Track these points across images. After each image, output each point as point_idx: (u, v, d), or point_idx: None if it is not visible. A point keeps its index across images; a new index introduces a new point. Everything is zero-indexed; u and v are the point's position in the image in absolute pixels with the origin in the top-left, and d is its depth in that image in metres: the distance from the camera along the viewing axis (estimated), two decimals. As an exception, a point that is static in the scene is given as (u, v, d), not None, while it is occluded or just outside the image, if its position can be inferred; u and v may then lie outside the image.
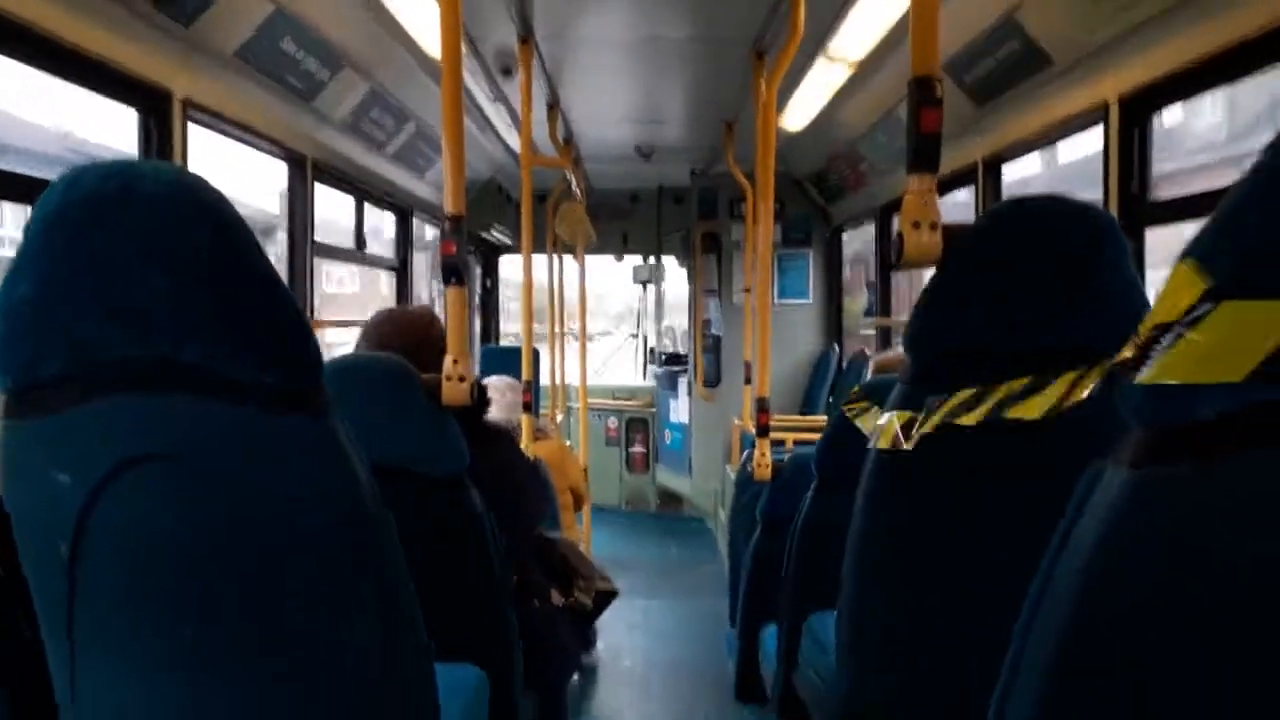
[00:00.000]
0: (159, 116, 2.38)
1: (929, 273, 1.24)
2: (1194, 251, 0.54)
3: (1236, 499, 0.51)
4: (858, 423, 1.59)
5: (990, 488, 1.13)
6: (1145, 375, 0.54)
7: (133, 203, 0.85)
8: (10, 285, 0.86)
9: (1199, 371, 0.52)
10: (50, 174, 1.92)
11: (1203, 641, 0.52)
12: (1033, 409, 1.01)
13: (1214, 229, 0.54)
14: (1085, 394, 0.70)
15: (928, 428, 1.08)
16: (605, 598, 2.64)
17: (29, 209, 0.88)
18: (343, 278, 6.26)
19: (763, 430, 3.13)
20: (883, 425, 1.18)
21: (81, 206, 0.85)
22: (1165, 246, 2.36)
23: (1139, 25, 2.23)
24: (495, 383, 3.81)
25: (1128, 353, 0.56)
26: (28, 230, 0.86)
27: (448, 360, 1.80)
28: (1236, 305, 0.50)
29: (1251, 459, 0.51)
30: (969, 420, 1.04)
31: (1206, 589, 0.52)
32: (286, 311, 0.93)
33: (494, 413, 2.65)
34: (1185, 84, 2.21)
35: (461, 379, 1.77)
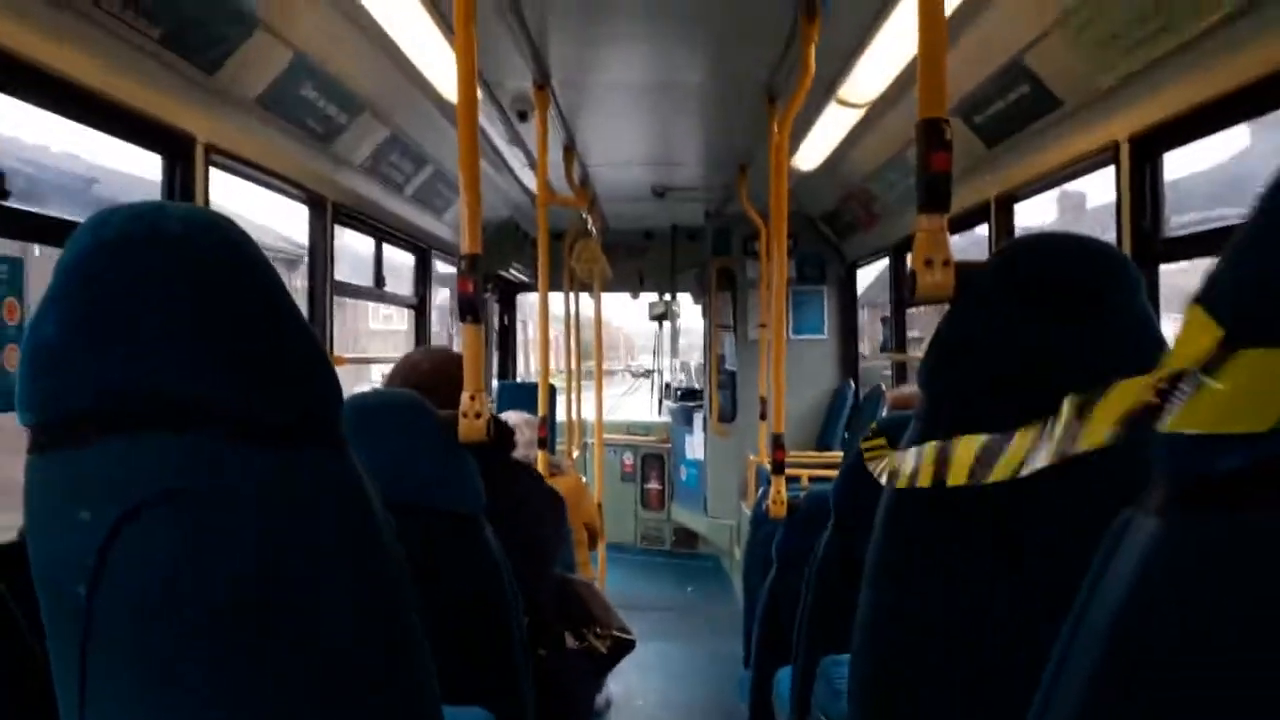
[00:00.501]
0: (182, 161, 2.43)
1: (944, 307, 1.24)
2: (1204, 297, 0.53)
3: (1268, 550, 0.51)
4: (870, 465, 1.58)
5: (1008, 530, 1.12)
6: (1168, 424, 0.54)
7: (160, 244, 0.87)
8: (38, 326, 0.87)
9: (1223, 421, 0.51)
10: (79, 215, 1.97)
11: (1234, 694, 0.52)
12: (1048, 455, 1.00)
13: (1222, 273, 0.53)
14: (1101, 439, 0.70)
15: (952, 477, 1.07)
16: (622, 647, 2.60)
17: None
18: (390, 315, 6.35)
19: (778, 467, 3.11)
20: (899, 464, 1.17)
21: (109, 248, 0.86)
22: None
23: (1148, 67, 2.24)
24: (511, 418, 3.82)
25: (1150, 396, 0.56)
26: (56, 271, 0.88)
27: (464, 396, 1.81)
28: (1255, 354, 0.50)
29: None
30: (995, 476, 1.03)
31: (1238, 641, 0.51)
32: (309, 351, 0.94)
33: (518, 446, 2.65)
34: (1196, 124, 2.22)
35: (478, 415, 1.78)
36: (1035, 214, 3.39)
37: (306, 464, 0.93)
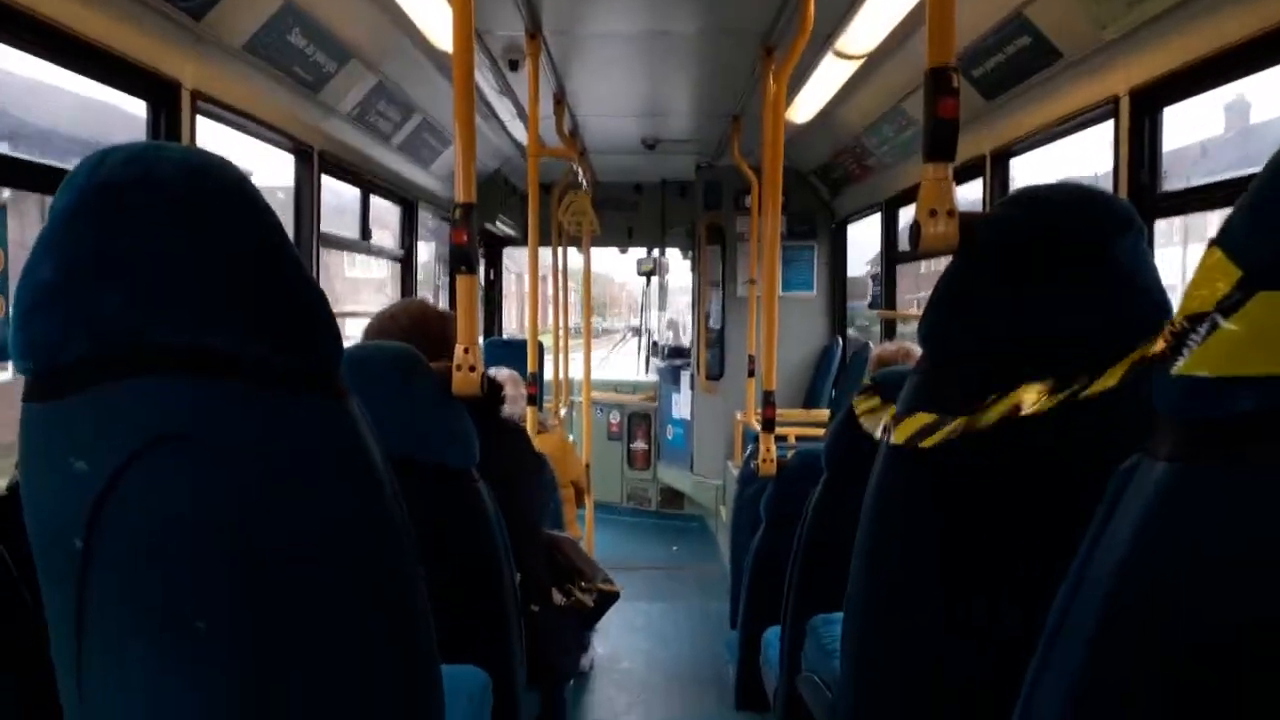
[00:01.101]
0: (168, 107, 2.38)
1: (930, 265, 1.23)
2: (1223, 240, 0.52)
3: (1276, 492, 0.50)
4: (864, 422, 1.57)
5: (1008, 482, 1.11)
6: (1180, 366, 0.53)
7: (156, 185, 0.85)
8: (33, 270, 0.85)
9: (1237, 363, 0.51)
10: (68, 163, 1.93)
11: (1240, 638, 0.51)
12: (1051, 400, 1.00)
13: (1242, 217, 0.52)
14: (1114, 382, 0.69)
15: (949, 433, 1.07)
16: (607, 599, 2.62)
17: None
18: (368, 263, 6.28)
19: (768, 424, 3.11)
20: (898, 421, 1.16)
21: (105, 190, 0.84)
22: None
23: (1150, 20, 2.22)
24: (499, 375, 3.81)
25: (1160, 343, 0.55)
26: (51, 215, 0.86)
27: (458, 349, 1.79)
28: (1273, 295, 0.49)
29: None
30: (990, 418, 1.02)
31: (1244, 585, 0.51)
32: (308, 294, 0.92)
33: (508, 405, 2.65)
34: (1198, 78, 2.21)
35: (472, 368, 1.77)
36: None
37: (307, 411, 0.92)
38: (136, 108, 2.36)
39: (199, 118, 2.49)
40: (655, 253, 7.64)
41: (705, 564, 5.98)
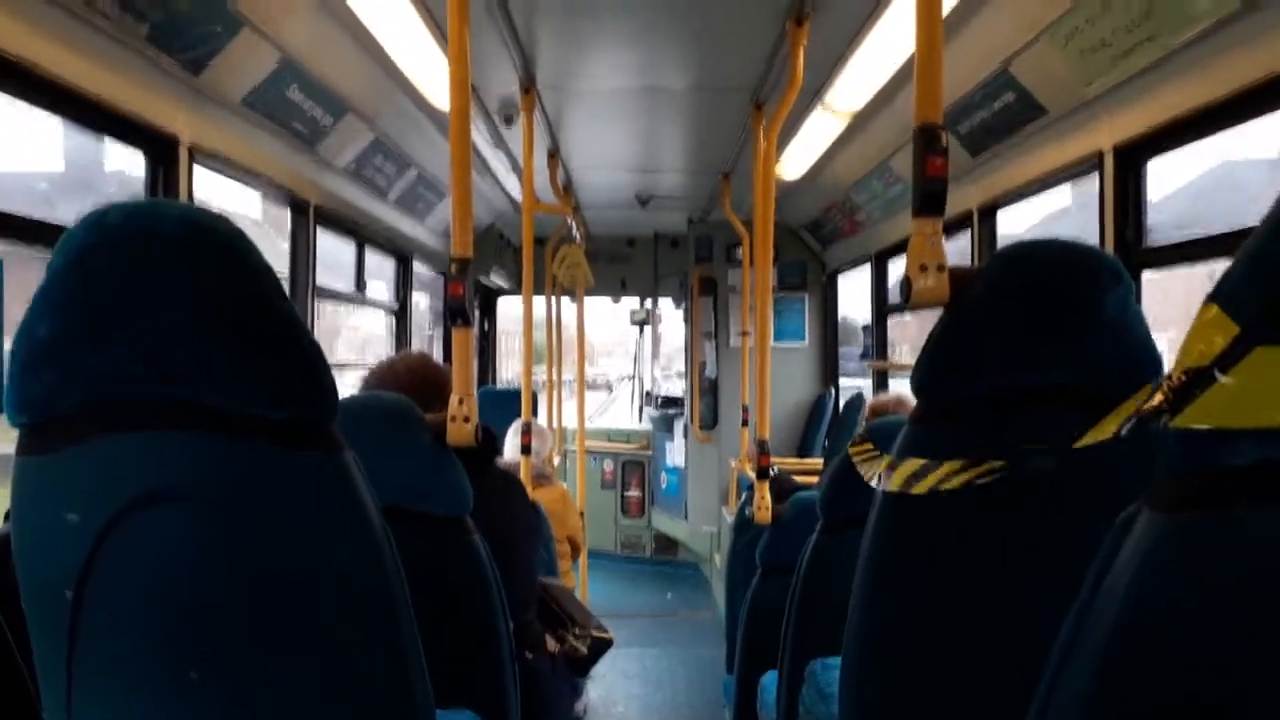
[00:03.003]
0: (166, 161, 2.40)
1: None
2: (1219, 295, 0.53)
3: (1274, 547, 0.51)
4: (860, 468, 1.58)
5: (1004, 530, 1.12)
6: (1179, 419, 0.53)
7: (155, 244, 0.86)
8: (30, 325, 0.86)
9: (1234, 416, 0.51)
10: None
11: (1242, 694, 0.51)
12: (1050, 452, 1.00)
13: (1238, 272, 0.53)
14: (1109, 434, 0.69)
15: (946, 481, 1.07)
16: (601, 646, 2.61)
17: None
18: (355, 316, 6.28)
19: (763, 473, 3.11)
20: (892, 469, 1.17)
21: (104, 248, 0.85)
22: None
23: (1133, 76, 2.27)
24: (513, 430, 3.82)
25: (1157, 396, 0.55)
26: (50, 270, 0.86)
27: (453, 400, 1.80)
28: (1270, 351, 0.50)
29: None
30: (983, 472, 1.03)
31: (1246, 639, 0.51)
32: (304, 349, 0.93)
33: (507, 456, 2.65)
34: (1180, 132, 2.25)
35: (466, 419, 1.77)
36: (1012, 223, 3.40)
37: (302, 464, 0.92)
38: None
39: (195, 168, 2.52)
40: (648, 303, 7.68)
41: (700, 611, 5.94)
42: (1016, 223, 3.46)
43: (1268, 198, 0.55)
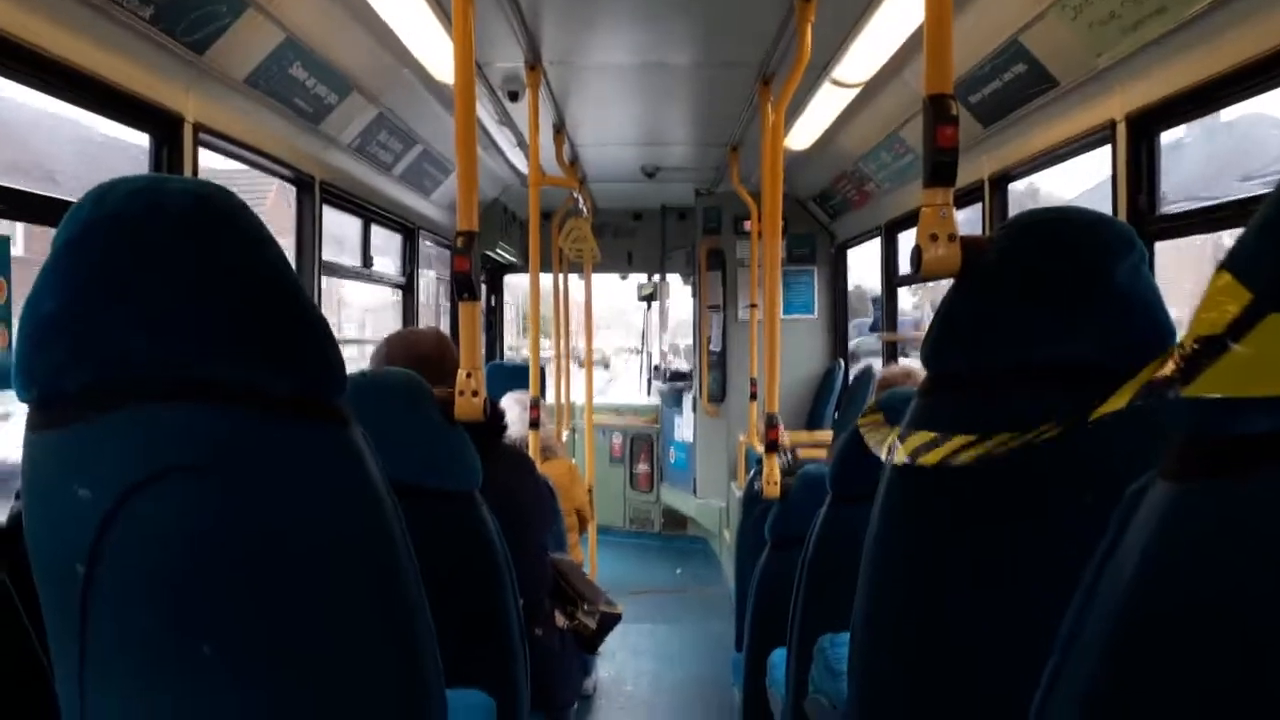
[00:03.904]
0: (170, 140, 2.40)
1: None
2: (1232, 263, 0.53)
3: None
4: (868, 440, 1.57)
5: (1015, 501, 1.11)
6: (1191, 388, 0.53)
7: (160, 218, 0.86)
8: (37, 301, 0.86)
9: (1247, 384, 0.51)
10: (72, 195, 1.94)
11: (1252, 659, 0.51)
12: (1058, 428, 0.99)
13: (1251, 239, 0.53)
14: (1123, 405, 0.69)
15: (955, 455, 1.07)
16: (609, 621, 2.62)
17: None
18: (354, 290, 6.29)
19: (772, 446, 3.11)
20: (901, 441, 1.16)
21: (109, 223, 0.86)
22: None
23: (1144, 46, 2.24)
24: (508, 399, 3.82)
25: (1169, 366, 0.55)
26: (55, 246, 0.86)
27: (461, 373, 1.80)
28: None
29: None
30: (999, 444, 1.02)
31: (1256, 605, 0.51)
32: (310, 323, 0.93)
33: (510, 430, 2.65)
34: (1193, 102, 2.23)
35: (475, 393, 1.77)
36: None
37: (311, 438, 0.93)
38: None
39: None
40: (655, 278, 7.66)
41: (709, 586, 5.96)
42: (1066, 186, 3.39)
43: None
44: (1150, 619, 0.56)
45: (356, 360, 4.83)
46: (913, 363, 3.97)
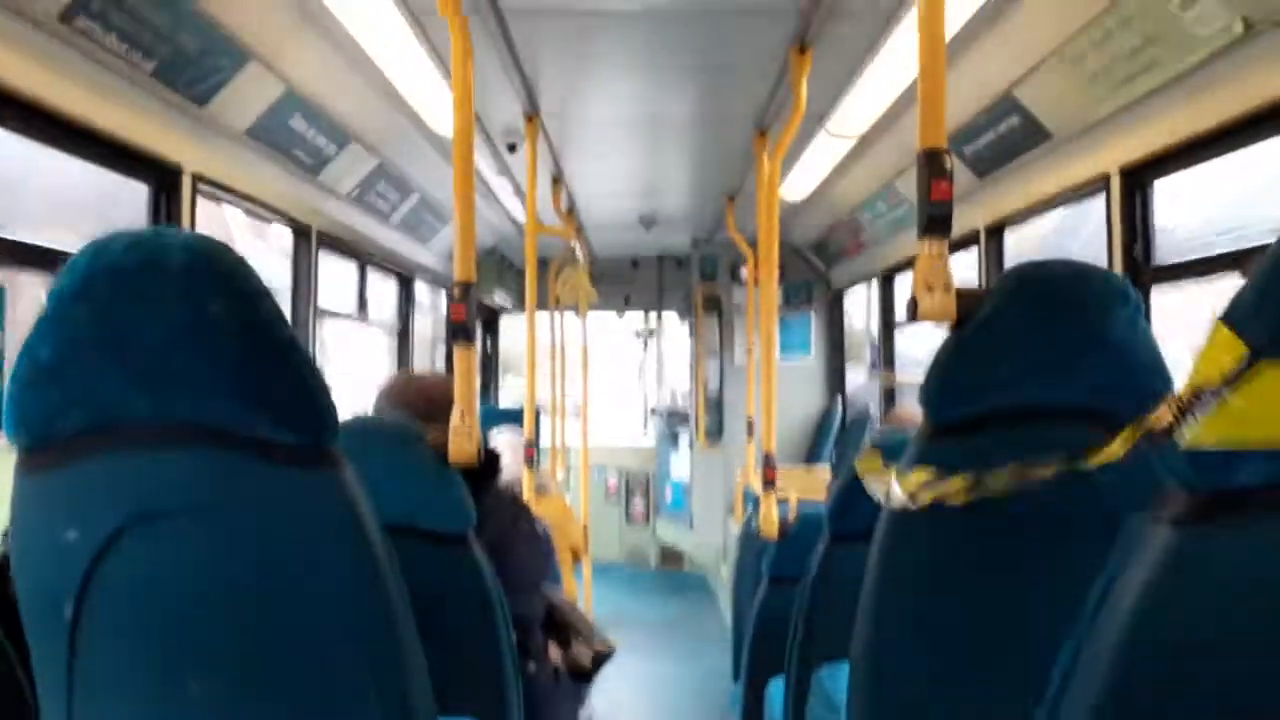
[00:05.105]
0: (169, 191, 2.41)
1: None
2: (1230, 315, 0.54)
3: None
4: (866, 481, 1.59)
5: (1010, 542, 1.12)
6: (1186, 438, 0.55)
7: (158, 272, 0.87)
8: (32, 349, 0.87)
9: (1240, 435, 0.52)
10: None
11: (1245, 705, 0.52)
12: (1053, 467, 1.01)
13: (1250, 292, 0.54)
14: (1119, 453, 0.71)
15: (952, 496, 1.07)
16: (602, 657, 2.60)
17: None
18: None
19: (769, 485, 3.11)
20: (898, 483, 1.17)
21: (107, 275, 0.87)
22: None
23: (1138, 100, 2.27)
24: (504, 438, 3.80)
25: (1165, 415, 0.56)
26: (51, 296, 0.88)
27: (455, 414, 1.80)
28: (1277, 369, 0.51)
29: None
30: (995, 485, 1.03)
31: (1250, 652, 0.52)
32: (305, 371, 0.94)
33: (505, 471, 2.64)
34: (1186, 155, 2.25)
35: (469, 436, 1.77)
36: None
37: (302, 482, 0.93)
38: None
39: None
40: (652, 318, 7.71)
41: (705, 621, 5.93)
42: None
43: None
44: (1149, 655, 0.57)
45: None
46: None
